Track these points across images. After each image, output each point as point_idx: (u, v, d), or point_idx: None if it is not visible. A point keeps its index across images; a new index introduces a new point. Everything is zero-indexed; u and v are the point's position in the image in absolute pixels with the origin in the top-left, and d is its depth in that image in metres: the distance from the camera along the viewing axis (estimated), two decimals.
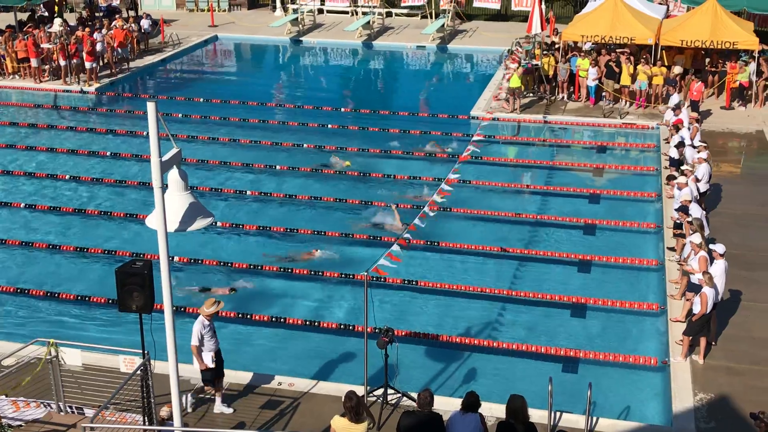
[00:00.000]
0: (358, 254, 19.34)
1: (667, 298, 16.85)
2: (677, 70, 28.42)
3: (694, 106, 26.71)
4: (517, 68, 28.56)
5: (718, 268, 15.27)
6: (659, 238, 19.62)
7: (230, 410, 13.45)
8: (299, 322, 16.69)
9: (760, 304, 16.71)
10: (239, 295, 17.85)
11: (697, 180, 19.46)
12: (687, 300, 15.76)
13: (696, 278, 15.32)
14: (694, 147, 21.47)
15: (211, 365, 13.19)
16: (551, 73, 29.82)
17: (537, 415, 12.53)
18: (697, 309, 14.50)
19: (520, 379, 14.82)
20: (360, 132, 27.72)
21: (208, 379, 13.39)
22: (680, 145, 21.81)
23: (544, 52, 30.21)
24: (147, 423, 12.04)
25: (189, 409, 13.29)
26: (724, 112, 28.55)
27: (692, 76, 27.97)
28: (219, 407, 13.45)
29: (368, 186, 23.27)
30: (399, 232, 19.26)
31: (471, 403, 10.95)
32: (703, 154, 20.10)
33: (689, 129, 22.79)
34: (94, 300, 17.49)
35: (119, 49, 33.98)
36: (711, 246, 15.89)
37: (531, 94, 29.90)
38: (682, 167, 20.42)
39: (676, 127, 23.09)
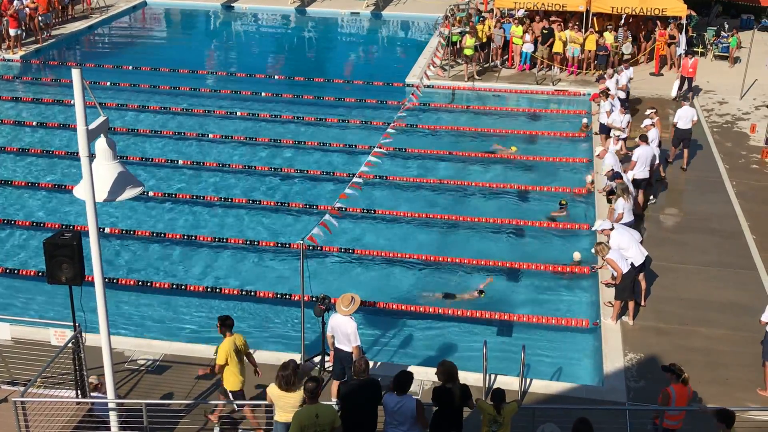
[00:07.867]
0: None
1: (599, 262, 17.15)
2: (608, 36, 28.73)
3: (689, 82, 26.81)
4: (469, 34, 28.47)
5: (615, 241, 15.43)
6: (591, 204, 19.94)
7: None
8: (235, 292, 16.59)
9: (688, 266, 17.16)
10: (176, 264, 17.67)
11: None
12: None
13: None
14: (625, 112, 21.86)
15: None
16: (485, 40, 29.85)
17: (472, 378, 12.75)
18: (613, 274, 14.93)
19: (455, 344, 15.04)
20: (294, 100, 27.44)
21: None
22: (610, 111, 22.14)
23: (479, 19, 30.21)
24: (80, 396, 11.88)
25: None
26: (654, 78, 29.03)
27: (683, 53, 27.96)
28: None
29: (302, 153, 23.15)
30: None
31: (401, 382, 10.26)
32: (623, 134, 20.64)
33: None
34: (23, 273, 17.11)
35: (40, 17, 32.82)
36: (598, 227, 16.22)
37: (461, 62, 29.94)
38: (613, 133, 20.74)
39: (606, 93, 23.38)
